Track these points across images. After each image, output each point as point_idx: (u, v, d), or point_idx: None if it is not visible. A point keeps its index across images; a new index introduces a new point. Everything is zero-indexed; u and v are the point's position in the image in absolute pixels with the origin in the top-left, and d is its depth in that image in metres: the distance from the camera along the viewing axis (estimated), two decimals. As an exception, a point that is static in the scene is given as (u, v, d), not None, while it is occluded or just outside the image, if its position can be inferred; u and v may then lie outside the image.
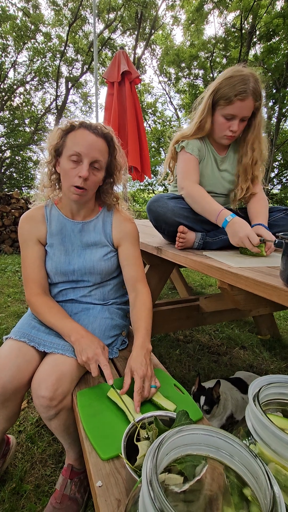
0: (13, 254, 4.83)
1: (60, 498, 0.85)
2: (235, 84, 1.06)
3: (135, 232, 1.04)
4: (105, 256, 1.01)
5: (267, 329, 2.05)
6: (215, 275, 0.85)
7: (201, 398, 1.13)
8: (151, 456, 0.32)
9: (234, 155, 1.31)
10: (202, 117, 1.17)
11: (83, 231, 1.00)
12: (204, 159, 1.27)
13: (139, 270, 1.02)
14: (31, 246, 0.97)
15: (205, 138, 1.26)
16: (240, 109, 1.10)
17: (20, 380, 0.80)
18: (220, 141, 1.23)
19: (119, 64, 3.07)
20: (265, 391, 0.50)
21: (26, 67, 13.97)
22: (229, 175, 1.31)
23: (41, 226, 0.98)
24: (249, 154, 1.23)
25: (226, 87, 1.08)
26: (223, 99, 1.10)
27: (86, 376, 0.89)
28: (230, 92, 1.07)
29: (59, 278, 0.99)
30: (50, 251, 0.98)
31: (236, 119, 1.13)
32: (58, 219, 0.99)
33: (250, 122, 1.19)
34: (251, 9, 9.97)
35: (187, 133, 1.23)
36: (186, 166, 1.21)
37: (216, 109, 1.15)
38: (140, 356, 0.79)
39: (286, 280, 0.63)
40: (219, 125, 1.17)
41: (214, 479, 0.37)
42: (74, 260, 0.98)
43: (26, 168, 15.49)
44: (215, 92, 1.12)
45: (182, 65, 13.99)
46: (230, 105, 1.09)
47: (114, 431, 0.66)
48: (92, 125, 0.90)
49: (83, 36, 14.42)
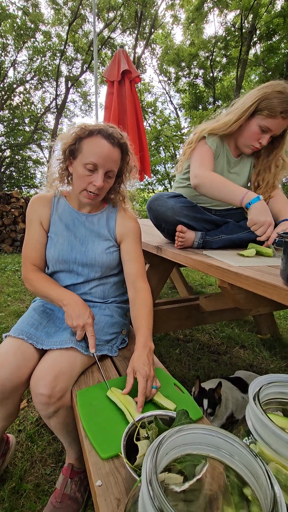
0: (13, 253, 4.83)
1: (60, 497, 0.85)
2: (283, 100, 1.05)
3: (138, 230, 1.06)
4: (108, 249, 1.01)
5: (267, 328, 2.05)
6: (215, 274, 0.84)
7: (204, 402, 1.12)
8: (151, 456, 0.32)
9: (247, 162, 1.31)
10: (241, 120, 1.14)
11: (87, 222, 1.02)
12: (218, 157, 1.26)
13: (140, 266, 1.02)
14: (33, 227, 1.00)
15: (224, 138, 1.25)
16: (278, 125, 1.10)
17: (19, 378, 0.80)
18: (243, 148, 1.22)
19: (119, 63, 3.07)
20: (265, 390, 0.49)
21: (25, 66, 13.96)
22: (238, 179, 1.31)
23: (46, 210, 1.01)
24: (272, 170, 1.24)
25: (274, 99, 1.06)
26: (268, 110, 1.08)
27: (86, 375, 0.88)
28: (277, 107, 1.06)
29: (60, 266, 1.00)
30: (54, 238, 1.00)
31: (269, 134, 1.13)
32: (65, 207, 1.02)
33: (277, 140, 1.19)
34: (251, 8, 9.95)
35: (218, 129, 1.19)
36: (203, 156, 1.19)
37: (255, 117, 1.12)
38: (143, 356, 0.79)
39: (286, 279, 0.63)
40: (252, 133, 1.15)
41: (214, 478, 0.37)
42: (76, 248, 0.99)
43: (26, 168, 15.48)
44: (262, 100, 1.09)
45: (182, 64, 13.98)
46: (272, 118, 1.08)
47: (114, 430, 0.66)
48: (109, 134, 0.89)
49: (83, 35, 14.41)
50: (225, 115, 1.21)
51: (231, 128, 1.17)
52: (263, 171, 1.26)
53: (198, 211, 1.17)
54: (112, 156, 0.90)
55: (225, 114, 1.22)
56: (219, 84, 14.13)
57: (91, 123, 0.92)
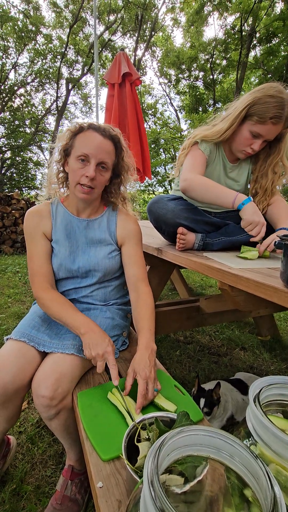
0: (14, 255, 4.83)
1: (60, 499, 0.84)
2: (273, 105, 1.03)
3: (139, 232, 1.05)
4: (110, 254, 1.01)
5: (267, 330, 2.05)
6: (216, 276, 0.85)
7: (201, 400, 1.12)
8: (152, 457, 0.32)
9: (245, 167, 1.31)
10: (233, 127, 1.13)
11: (88, 228, 1.01)
12: (213, 162, 1.26)
13: (141, 269, 1.02)
14: (38, 240, 0.97)
15: (219, 143, 1.25)
16: (269, 131, 1.09)
17: (21, 381, 0.80)
18: (237, 153, 1.22)
19: (120, 66, 3.08)
20: (266, 392, 0.50)
21: (26, 68, 14.01)
22: (236, 185, 1.31)
23: (47, 221, 0.99)
24: (269, 177, 1.22)
25: (263, 105, 1.04)
26: (257, 116, 1.06)
27: (87, 376, 0.89)
28: (266, 113, 1.04)
29: (63, 274, 0.99)
30: (55, 247, 0.99)
31: (261, 139, 1.12)
32: (64, 215, 1.00)
33: (274, 145, 1.18)
34: (251, 11, 10.00)
35: (211, 137, 1.19)
36: (194, 160, 1.19)
37: (246, 122, 1.12)
38: (145, 357, 0.79)
39: (286, 281, 0.63)
40: (243, 139, 1.15)
41: (214, 480, 0.37)
42: (79, 257, 0.99)
43: (26, 169, 15.50)
44: (251, 105, 1.07)
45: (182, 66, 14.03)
46: (261, 124, 1.07)
47: (114, 431, 0.66)
48: (100, 127, 0.91)
49: (84, 37, 14.48)
50: (220, 120, 1.21)
51: (224, 136, 1.16)
52: (260, 178, 1.24)
53: (198, 213, 1.17)
54: (104, 147, 0.90)
55: (220, 119, 1.21)
56: (219, 86, 14.18)
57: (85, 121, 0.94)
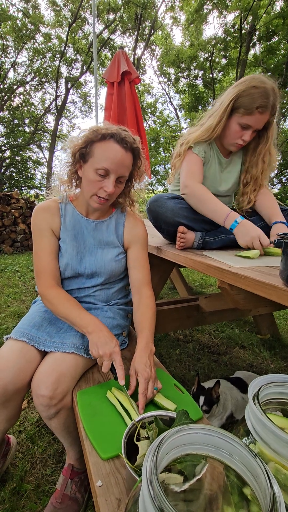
0: (13, 254, 4.83)
1: (60, 498, 0.85)
2: (258, 95, 1.04)
3: (146, 236, 1.06)
4: (116, 257, 1.01)
5: (267, 328, 2.05)
6: (215, 274, 0.85)
7: (200, 398, 1.13)
8: (151, 456, 0.32)
9: (238, 159, 1.32)
10: (222, 122, 1.14)
11: (96, 230, 1.00)
12: (209, 161, 1.27)
13: (146, 273, 1.02)
14: (46, 236, 0.95)
15: (212, 141, 1.25)
16: (257, 121, 1.10)
17: (22, 381, 0.80)
18: (229, 147, 1.23)
19: (119, 64, 3.07)
20: (265, 390, 0.50)
21: (26, 67, 13.97)
22: (231, 178, 1.32)
23: (56, 218, 0.97)
24: (259, 166, 1.23)
25: (248, 96, 1.06)
26: (244, 108, 1.08)
27: (87, 375, 0.89)
28: (252, 104, 1.06)
29: (69, 274, 0.99)
30: (63, 247, 0.98)
31: (250, 130, 1.13)
32: (73, 215, 0.99)
33: (263, 134, 1.19)
34: (250, 9, 9.97)
35: (202, 137, 1.19)
36: (191, 166, 1.20)
37: (233, 116, 1.13)
38: (144, 357, 0.80)
39: (286, 280, 0.63)
40: (233, 132, 1.15)
41: (214, 478, 0.37)
42: (86, 258, 0.99)
43: (26, 168, 15.47)
44: (237, 98, 1.08)
45: (181, 65, 13.99)
46: (249, 115, 1.08)
47: (114, 430, 0.66)
48: (122, 138, 0.86)
49: (83, 36, 14.43)
50: (207, 118, 1.21)
51: (215, 132, 1.17)
52: (251, 168, 1.26)
53: (197, 212, 1.17)
54: (125, 162, 0.88)
55: (207, 117, 1.22)
56: (218, 85, 14.15)
57: (103, 126, 0.89)
